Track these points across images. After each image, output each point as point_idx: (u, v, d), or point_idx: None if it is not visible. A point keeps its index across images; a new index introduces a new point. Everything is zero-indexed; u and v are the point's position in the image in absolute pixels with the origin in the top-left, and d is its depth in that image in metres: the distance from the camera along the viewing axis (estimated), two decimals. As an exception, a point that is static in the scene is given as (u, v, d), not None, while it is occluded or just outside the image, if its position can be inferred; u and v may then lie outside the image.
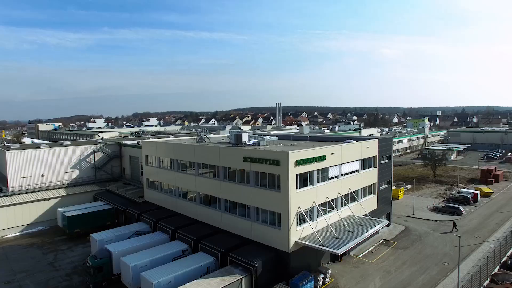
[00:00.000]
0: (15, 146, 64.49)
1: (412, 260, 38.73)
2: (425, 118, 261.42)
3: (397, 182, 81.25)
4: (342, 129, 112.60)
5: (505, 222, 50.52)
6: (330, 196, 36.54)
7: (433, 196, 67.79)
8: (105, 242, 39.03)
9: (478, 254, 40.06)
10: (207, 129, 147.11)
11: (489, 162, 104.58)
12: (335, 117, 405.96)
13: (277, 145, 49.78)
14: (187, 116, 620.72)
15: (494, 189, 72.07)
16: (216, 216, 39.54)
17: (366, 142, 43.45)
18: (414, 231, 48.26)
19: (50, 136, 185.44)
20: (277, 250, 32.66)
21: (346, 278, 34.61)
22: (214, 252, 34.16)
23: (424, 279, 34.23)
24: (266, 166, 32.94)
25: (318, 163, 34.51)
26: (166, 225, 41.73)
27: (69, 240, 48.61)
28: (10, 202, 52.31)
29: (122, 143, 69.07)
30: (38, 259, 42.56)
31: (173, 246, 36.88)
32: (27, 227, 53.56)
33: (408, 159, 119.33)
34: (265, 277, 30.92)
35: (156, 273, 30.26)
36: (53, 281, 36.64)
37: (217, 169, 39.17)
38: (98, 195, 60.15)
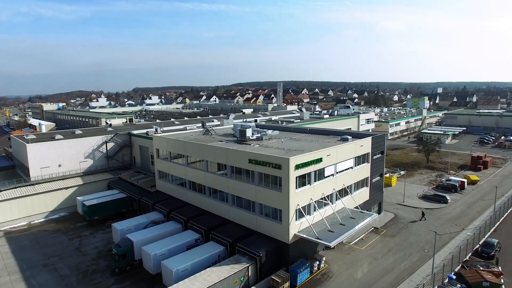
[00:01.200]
0: (32, 137, 68.46)
1: (397, 247, 43.82)
2: (425, 97, 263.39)
3: (391, 167, 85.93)
4: (341, 113, 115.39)
5: (485, 210, 55.33)
6: (326, 193, 41.04)
7: (424, 183, 72.39)
8: (126, 231, 44.01)
9: (456, 241, 45.10)
10: (211, 112, 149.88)
11: (482, 147, 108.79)
12: (335, 94, 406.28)
13: (279, 139, 54.04)
14: (187, 92, 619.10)
15: (482, 176, 76.74)
16: (224, 208, 44.26)
17: (360, 141, 47.38)
18: (402, 219, 53.24)
19: (55, 116, 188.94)
20: (278, 241, 37.54)
21: (338, 264, 39.78)
22: (223, 242, 39.10)
23: (406, 265, 39.37)
24: (269, 169, 37.16)
25: (316, 165, 38.73)
26: (178, 215, 46.57)
27: (89, 227, 53.79)
28: (34, 191, 57.12)
29: (131, 133, 72.95)
30: (66, 244, 47.79)
31: (186, 236, 41.84)
32: (50, 213, 58.70)
33: (405, 142, 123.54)
34: (268, 265, 35.98)
35: (175, 261, 35.28)
36: (82, 265, 41.92)
37: (225, 167, 43.41)
38: (112, 183, 64.93)
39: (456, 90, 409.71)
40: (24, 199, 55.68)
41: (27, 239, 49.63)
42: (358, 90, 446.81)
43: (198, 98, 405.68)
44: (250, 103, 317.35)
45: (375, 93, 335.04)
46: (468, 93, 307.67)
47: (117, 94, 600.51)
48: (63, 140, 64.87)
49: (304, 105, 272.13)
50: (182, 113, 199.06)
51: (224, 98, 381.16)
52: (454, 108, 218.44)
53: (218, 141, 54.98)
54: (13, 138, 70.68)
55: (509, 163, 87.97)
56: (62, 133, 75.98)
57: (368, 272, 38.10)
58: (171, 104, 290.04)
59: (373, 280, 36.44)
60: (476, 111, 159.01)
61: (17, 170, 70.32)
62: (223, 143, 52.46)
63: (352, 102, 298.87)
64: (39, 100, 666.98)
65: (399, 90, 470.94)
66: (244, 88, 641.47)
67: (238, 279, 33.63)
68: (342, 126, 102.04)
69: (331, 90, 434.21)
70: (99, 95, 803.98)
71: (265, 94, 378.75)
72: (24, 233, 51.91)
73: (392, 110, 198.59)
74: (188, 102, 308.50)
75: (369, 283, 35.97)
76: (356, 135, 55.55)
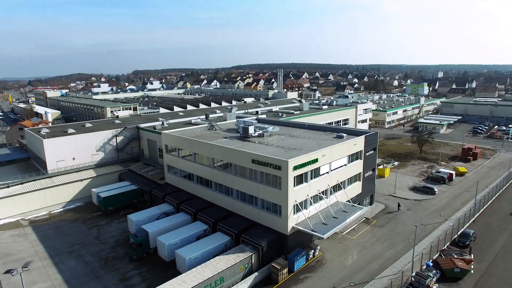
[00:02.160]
0: (46, 131, 72.58)
1: (385, 237, 48.74)
2: (424, 83, 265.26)
3: (386, 158, 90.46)
4: (340, 104, 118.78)
5: (469, 201, 60.00)
6: (321, 189, 45.54)
7: (415, 174, 76.96)
8: (141, 222, 48.83)
9: (438, 231, 49.98)
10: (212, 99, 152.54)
11: (474, 137, 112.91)
12: (335, 79, 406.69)
13: (279, 136, 58.29)
14: (188, 75, 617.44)
15: (471, 167, 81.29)
16: (229, 202, 48.90)
17: (354, 140, 51.49)
18: (391, 210, 58.05)
19: (59, 104, 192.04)
20: (278, 233, 42.31)
21: (331, 252, 44.77)
22: (229, 233, 43.93)
23: (391, 253, 44.32)
24: (270, 169, 41.47)
25: (312, 165, 43.04)
26: (188, 207, 51.31)
27: (104, 216, 58.68)
28: (52, 183, 61.77)
29: (139, 126, 76.95)
30: (85, 233, 52.77)
31: (196, 227, 46.66)
32: (67, 203, 63.55)
33: (401, 131, 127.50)
34: (269, 254, 40.89)
35: (187, 250, 40.17)
36: (103, 252, 46.94)
37: (230, 165, 47.75)
38: (123, 175, 69.51)
39: (457, 75, 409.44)
40: (44, 191, 60.39)
41: (50, 228, 54.58)
42: (359, 74, 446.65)
43: (199, 82, 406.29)
44: (250, 88, 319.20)
45: (375, 78, 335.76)
46: (467, 78, 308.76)
47: (118, 78, 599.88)
48: (76, 134, 68.97)
49: (304, 90, 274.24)
50: (184, 100, 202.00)
51: (225, 82, 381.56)
52: (452, 95, 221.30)
53: (222, 137, 59.26)
54: (28, 132, 74.71)
55: (498, 154, 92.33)
56: (73, 126, 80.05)
57: (357, 260, 43.11)
58: (172, 89, 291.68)
59: (361, 266, 41.45)
60: (473, 99, 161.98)
61: (32, 161, 74.82)
62: (228, 139, 56.75)
63: (352, 87, 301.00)
64: (39, 84, 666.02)
65: (399, 75, 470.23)
66: (245, 72, 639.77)
67: (242, 266, 38.57)
68: (341, 117, 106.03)
69: (332, 74, 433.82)
70: (99, 78, 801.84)
71: (265, 79, 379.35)
72: (46, 222, 56.85)
73: (391, 97, 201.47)
74: (189, 87, 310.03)
75: (357, 269, 40.98)
76: (351, 132, 59.74)
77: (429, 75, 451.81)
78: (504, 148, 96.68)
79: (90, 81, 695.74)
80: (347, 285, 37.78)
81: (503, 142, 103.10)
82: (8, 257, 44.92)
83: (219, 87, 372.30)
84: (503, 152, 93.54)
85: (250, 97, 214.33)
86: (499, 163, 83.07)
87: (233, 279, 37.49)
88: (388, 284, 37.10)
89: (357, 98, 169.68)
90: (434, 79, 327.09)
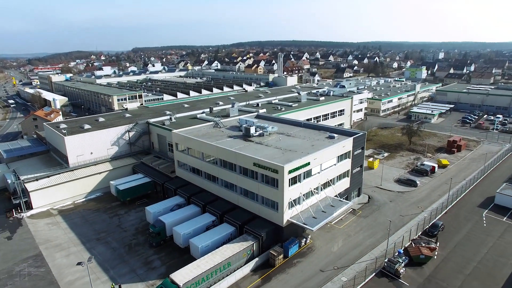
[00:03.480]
0: (63, 126, 79.35)
1: (367, 227, 56.67)
2: (422, 67, 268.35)
3: (377, 149, 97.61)
4: (337, 94, 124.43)
5: (445, 193, 67.49)
6: (312, 186, 52.96)
7: (402, 166, 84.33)
8: (157, 214, 56.61)
9: (414, 221, 57.84)
10: (213, 84, 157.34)
11: (462, 127, 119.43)
12: (335, 60, 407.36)
13: (277, 135, 65.24)
14: (188, 54, 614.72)
15: (454, 159, 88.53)
16: (234, 196, 56.49)
17: (343, 142, 58.34)
18: (376, 202, 65.82)
19: (64, 89, 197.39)
20: (275, 224, 50.10)
21: (320, 240, 52.80)
22: (234, 224, 51.77)
23: (371, 241, 52.31)
24: (268, 172, 48.68)
25: (305, 168, 50.23)
26: (197, 200, 59.01)
27: (123, 206, 66.55)
28: (75, 176, 69.36)
29: (149, 122, 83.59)
30: (108, 222, 60.76)
31: (205, 218, 54.48)
32: (88, 194, 71.38)
33: (394, 120, 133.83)
34: (267, 242, 48.86)
35: (200, 239, 48.12)
36: (126, 239, 54.99)
37: (234, 166, 54.94)
38: (136, 167, 76.97)
39: (457, 57, 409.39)
40: (68, 183, 68.02)
41: (77, 216, 62.58)
42: (359, 54, 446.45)
43: (200, 63, 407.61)
44: (251, 70, 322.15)
45: (375, 61, 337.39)
46: (467, 61, 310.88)
47: (118, 58, 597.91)
48: (93, 131, 75.75)
49: (304, 74, 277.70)
50: (186, 84, 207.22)
51: (226, 64, 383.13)
52: (449, 80, 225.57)
53: (227, 136, 66.21)
54: (48, 127, 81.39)
55: (481, 145, 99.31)
56: (87, 120, 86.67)
57: (341, 247, 51.18)
58: (174, 71, 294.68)
59: (344, 253, 49.54)
60: (466, 87, 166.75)
61: (52, 154, 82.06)
62: (232, 139, 63.71)
63: (352, 70, 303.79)
64: (39, 63, 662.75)
65: (400, 55, 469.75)
66: (246, 50, 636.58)
67: (246, 253, 46.59)
68: (336, 108, 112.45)
69: (332, 55, 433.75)
70: (98, 57, 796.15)
71: (266, 60, 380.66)
72: (73, 211, 64.82)
73: (388, 82, 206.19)
74: (190, 69, 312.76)
75: (341, 255, 49.09)
76: (342, 132, 66.60)
77: (430, 56, 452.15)
78: (487, 140, 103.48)
79: (90, 60, 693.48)
80: (331, 269, 45.96)
81: (487, 133, 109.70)
82: (48, 243, 53.07)
83: (220, 68, 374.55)
84: (486, 143, 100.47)
85: (251, 81, 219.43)
86: (480, 155, 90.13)
87: (238, 264, 45.60)
88: (364, 268, 45.23)
89: (355, 84, 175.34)
90: (434, 61, 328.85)
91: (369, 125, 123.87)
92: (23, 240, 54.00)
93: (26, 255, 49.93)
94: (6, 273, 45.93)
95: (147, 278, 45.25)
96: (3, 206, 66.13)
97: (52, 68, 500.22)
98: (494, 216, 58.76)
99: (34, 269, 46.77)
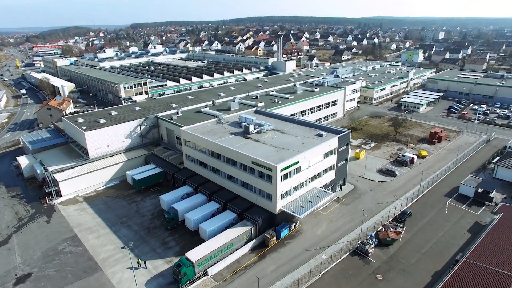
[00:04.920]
0: (81, 120, 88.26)
1: (348, 213, 66.98)
2: (419, 50, 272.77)
3: (365, 139, 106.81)
4: (331, 85, 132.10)
5: (419, 183, 77.48)
6: (301, 180, 62.79)
7: (385, 157, 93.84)
8: (170, 202, 66.77)
9: (389, 209, 68.09)
10: (214, 69, 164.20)
11: (447, 117, 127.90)
12: (335, 41, 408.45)
13: (273, 132, 74.38)
14: (188, 32, 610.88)
15: (434, 150, 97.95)
16: (235, 187, 66.46)
17: (329, 141, 67.61)
18: (358, 190, 75.89)
19: (70, 74, 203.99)
20: (270, 212, 60.31)
21: (307, 225, 63.24)
22: (235, 211, 62.00)
23: (349, 226, 62.69)
24: (264, 169, 58.31)
25: (294, 165, 59.85)
26: (204, 190, 69.06)
27: (139, 193, 76.66)
28: (95, 167, 79.10)
29: (158, 116, 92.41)
30: (128, 208, 71.05)
31: (211, 206, 64.68)
32: (107, 182, 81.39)
33: (385, 109, 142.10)
34: (263, 227, 59.28)
35: (208, 224, 58.47)
36: (145, 223, 65.40)
37: (235, 162, 64.52)
38: (148, 158, 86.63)
39: (456, 38, 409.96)
40: (90, 173, 77.92)
41: (100, 203, 72.85)
42: (359, 34, 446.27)
43: (200, 43, 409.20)
44: (251, 51, 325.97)
45: (373, 44, 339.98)
46: (465, 43, 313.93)
47: (117, 35, 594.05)
48: (109, 126, 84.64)
49: (302, 56, 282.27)
50: (188, 69, 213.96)
51: (226, 44, 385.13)
52: (444, 65, 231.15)
53: (229, 132, 75.37)
54: (67, 122, 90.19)
55: (460, 136, 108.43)
56: (101, 114, 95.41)
57: (325, 230, 61.66)
58: (175, 52, 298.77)
59: (326, 236, 60.05)
60: (457, 75, 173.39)
61: (71, 145, 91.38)
62: (233, 136, 72.94)
63: (350, 52, 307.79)
64: (37, 40, 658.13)
65: (400, 34, 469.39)
66: (246, 28, 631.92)
67: (245, 235, 57.01)
68: (330, 99, 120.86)
69: (331, 35, 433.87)
70: (97, 33, 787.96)
71: (266, 40, 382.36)
72: (96, 198, 75.04)
73: (384, 67, 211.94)
74: (191, 50, 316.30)
75: (323, 237, 59.60)
76: (330, 130, 75.59)
77: (430, 36, 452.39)
78: (467, 130, 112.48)
79: (89, 37, 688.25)
80: (314, 249, 56.58)
81: (468, 124, 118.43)
82: (80, 226, 63.59)
83: (220, 48, 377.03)
84: (465, 134, 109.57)
85: (250, 65, 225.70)
86: (457, 146, 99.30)
87: (238, 244, 56.13)
88: (340, 248, 55.83)
89: (351, 70, 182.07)
90: (432, 44, 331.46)
91: (361, 114, 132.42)
92: (59, 224, 64.50)
93: (65, 236, 60.55)
94: (52, 251, 56.64)
95: (165, 255, 55.92)
96: (35, 193, 76.30)
97: (52, 47, 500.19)
98: (456, 204, 69.06)
99: (73, 248, 57.46)
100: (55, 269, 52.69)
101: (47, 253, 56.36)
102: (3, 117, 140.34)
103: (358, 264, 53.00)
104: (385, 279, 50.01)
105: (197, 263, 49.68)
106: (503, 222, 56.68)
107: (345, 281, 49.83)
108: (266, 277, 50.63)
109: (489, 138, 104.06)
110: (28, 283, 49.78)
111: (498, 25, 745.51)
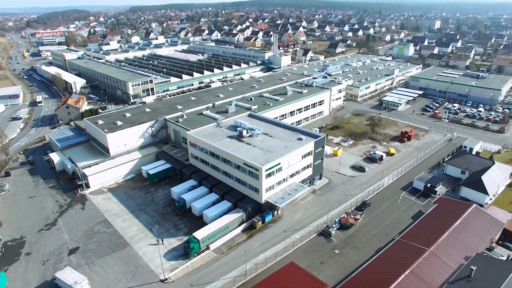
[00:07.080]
0: (101, 122, 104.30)
1: (320, 203, 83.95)
2: (410, 44, 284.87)
3: (345, 137, 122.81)
4: (319, 85, 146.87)
5: (382, 178, 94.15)
6: (282, 177, 79.55)
7: (360, 154, 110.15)
8: (179, 193, 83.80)
9: (354, 199, 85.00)
10: (214, 63, 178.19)
11: (421, 116, 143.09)
12: (331, 30, 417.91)
13: (263, 136, 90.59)
14: (188, 19, 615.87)
15: (402, 148, 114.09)
16: (231, 181, 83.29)
17: (306, 145, 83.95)
18: (332, 184, 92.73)
19: (79, 68, 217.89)
20: (257, 202, 77.32)
21: (287, 212, 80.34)
22: (231, 201, 79.03)
23: (320, 213, 79.53)
24: (253, 169, 74.94)
25: (277, 166, 76.47)
26: (206, 183, 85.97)
27: (152, 185, 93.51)
28: (116, 164, 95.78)
29: (167, 119, 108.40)
30: (145, 197, 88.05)
31: (212, 196, 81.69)
32: (125, 175, 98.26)
33: (368, 107, 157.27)
34: (252, 213, 76.45)
35: (210, 211, 75.61)
36: (159, 210, 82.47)
37: (230, 162, 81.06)
38: (158, 155, 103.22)
39: (450, 29, 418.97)
40: (112, 168, 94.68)
41: (122, 193, 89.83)
42: (355, 23, 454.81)
43: (200, 32, 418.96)
44: (250, 43, 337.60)
45: (368, 35, 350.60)
46: (456, 36, 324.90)
47: (118, 21, 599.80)
48: (126, 128, 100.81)
49: (298, 49, 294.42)
50: (189, 63, 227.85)
51: (225, 33, 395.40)
52: (431, 60, 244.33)
53: (226, 136, 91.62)
54: (89, 124, 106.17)
55: (428, 134, 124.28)
56: (117, 116, 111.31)
57: (300, 216, 78.81)
58: (176, 44, 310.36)
59: (301, 220, 77.20)
60: (438, 73, 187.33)
61: (92, 143, 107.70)
62: (229, 140, 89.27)
63: (345, 44, 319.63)
64: (38, 25, 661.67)
65: (397, 23, 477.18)
66: (245, 15, 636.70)
67: (238, 220, 74.17)
68: (317, 100, 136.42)
69: (328, 24, 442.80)
70: (97, 17, 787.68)
71: (264, 30, 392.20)
72: (118, 189, 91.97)
73: (374, 62, 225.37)
74: (191, 42, 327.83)
75: (299, 222, 76.78)
76: (309, 134, 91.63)
77: (426, 24, 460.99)
78: (435, 129, 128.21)
79: (89, 21, 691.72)
80: (291, 230, 73.89)
81: (437, 123, 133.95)
82: (109, 212, 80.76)
83: (220, 39, 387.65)
84: (433, 133, 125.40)
85: (248, 60, 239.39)
86: (424, 144, 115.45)
87: (233, 227, 73.40)
88: (309, 230, 73.11)
89: (341, 67, 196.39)
90: (424, 36, 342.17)
91: (344, 112, 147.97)
92: (92, 210, 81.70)
93: (98, 220, 77.84)
94: (90, 231, 74.07)
95: (177, 235, 73.27)
96: (67, 185, 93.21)
97: (53, 33, 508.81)
98: (408, 196, 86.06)
99: (106, 229, 74.82)
100: (95, 244, 70.18)
101: (87, 232, 73.78)
102: (24, 113, 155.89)
103: (322, 242, 70.43)
104: (341, 253, 67.49)
105: (202, 240, 67.02)
106: (436, 211, 73.72)
107: (311, 254, 67.31)
108: (253, 251, 68.10)
109: (451, 137, 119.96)
110: (78, 254, 67.38)
111: (499, 11, 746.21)
